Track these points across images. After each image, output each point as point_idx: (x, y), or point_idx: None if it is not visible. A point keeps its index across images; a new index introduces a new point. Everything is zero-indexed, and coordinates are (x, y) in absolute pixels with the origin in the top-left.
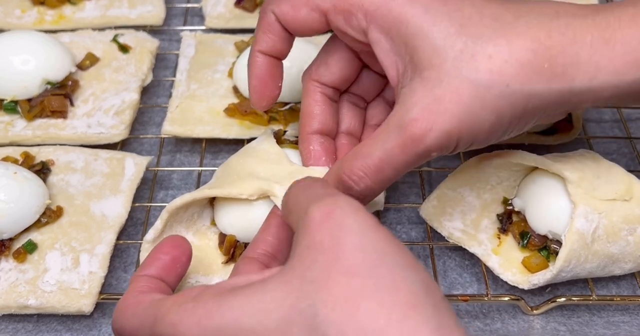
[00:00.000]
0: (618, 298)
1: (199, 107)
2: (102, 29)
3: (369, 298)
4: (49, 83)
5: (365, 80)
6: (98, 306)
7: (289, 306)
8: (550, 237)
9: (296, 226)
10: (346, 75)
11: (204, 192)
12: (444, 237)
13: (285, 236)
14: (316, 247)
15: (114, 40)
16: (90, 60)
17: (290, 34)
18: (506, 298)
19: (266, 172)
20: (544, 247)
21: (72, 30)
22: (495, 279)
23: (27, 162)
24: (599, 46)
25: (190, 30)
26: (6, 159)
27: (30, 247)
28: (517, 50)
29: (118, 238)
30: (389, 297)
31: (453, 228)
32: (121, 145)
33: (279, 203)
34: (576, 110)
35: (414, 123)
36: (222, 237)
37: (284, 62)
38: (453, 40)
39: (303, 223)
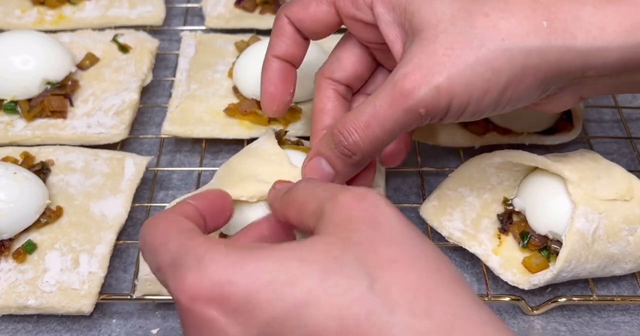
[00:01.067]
0: (618, 299)
1: (199, 107)
2: (102, 29)
3: (416, 265)
4: (49, 83)
5: (379, 80)
6: (98, 306)
7: (333, 258)
8: (550, 237)
9: (316, 214)
10: (358, 72)
11: None
12: (444, 237)
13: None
14: (355, 219)
15: (114, 40)
16: (90, 60)
17: (303, 39)
18: (506, 299)
19: (267, 174)
20: (545, 247)
21: (72, 30)
22: (496, 279)
23: (27, 162)
24: (602, 5)
25: (190, 30)
26: (6, 159)
27: (30, 247)
28: (514, 8)
29: (118, 239)
30: (434, 267)
31: (453, 228)
32: (121, 145)
33: None
34: (587, 88)
35: (404, 77)
36: (223, 237)
37: None
38: (451, 0)
39: (332, 205)
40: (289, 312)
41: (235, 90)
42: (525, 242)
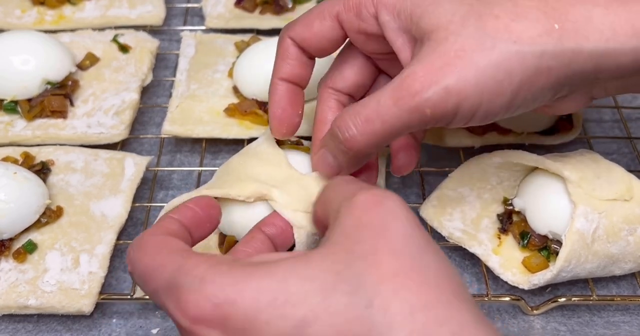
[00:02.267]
0: (618, 298)
1: (199, 107)
2: (102, 29)
3: (416, 278)
4: (49, 83)
5: (382, 86)
6: (98, 306)
7: (334, 274)
8: (550, 237)
9: (335, 213)
10: (360, 81)
11: (202, 192)
12: (444, 237)
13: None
14: (364, 226)
15: (114, 40)
16: (90, 60)
17: (308, 58)
18: (506, 298)
19: (265, 174)
20: (544, 247)
21: (72, 30)
22: (496, 279)
23: (27, 162)
24: (613, 7)
25: (190, 30)
26: (6, 159)
27: (30, 247)
28: (525, 10)
29: (118, 238)
30: (435, 281)
31: (453, 228)
32: (121, 145)
33: (277, 208)
34: (597, 89)
35: (413, 75)
36: (222, 237)
37: None
38: (459, 3)
39: (348, 206)
40: (289, 333)
41: (235, 90)
42: (525, 241)
